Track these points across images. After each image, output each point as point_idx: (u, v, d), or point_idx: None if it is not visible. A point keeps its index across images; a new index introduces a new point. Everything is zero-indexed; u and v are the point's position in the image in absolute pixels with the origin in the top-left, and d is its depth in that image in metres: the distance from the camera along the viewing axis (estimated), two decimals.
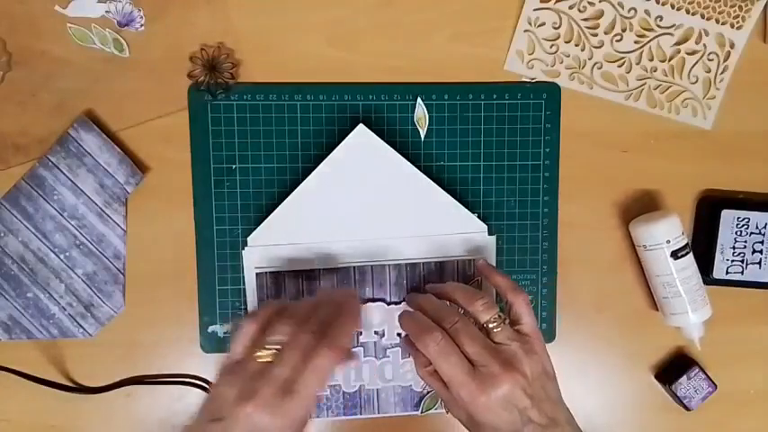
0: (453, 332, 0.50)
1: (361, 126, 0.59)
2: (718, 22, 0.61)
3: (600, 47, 0.61)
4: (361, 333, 0.61)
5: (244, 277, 0.60)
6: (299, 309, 0.51)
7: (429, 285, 0.58)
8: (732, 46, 0.62)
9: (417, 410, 0.62)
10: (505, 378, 0.48)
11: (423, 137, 0.61)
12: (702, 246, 0.63)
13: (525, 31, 0.61)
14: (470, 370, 0.49)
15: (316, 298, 0.54)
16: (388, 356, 0.61)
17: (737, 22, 0.61)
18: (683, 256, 0.60)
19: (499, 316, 0.51)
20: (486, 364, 0.49)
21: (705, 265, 0.62)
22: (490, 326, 0.51)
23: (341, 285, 0.60)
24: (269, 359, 0.47)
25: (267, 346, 0.48)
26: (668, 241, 0.59)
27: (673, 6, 0.61)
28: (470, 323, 0.51)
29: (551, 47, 0.61)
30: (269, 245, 0.59)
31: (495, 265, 0.61)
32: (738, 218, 0.62)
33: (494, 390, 0.48)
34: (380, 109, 0.61)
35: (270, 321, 0.49)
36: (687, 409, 0.63)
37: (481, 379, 0.49)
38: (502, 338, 0.50)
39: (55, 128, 0.59)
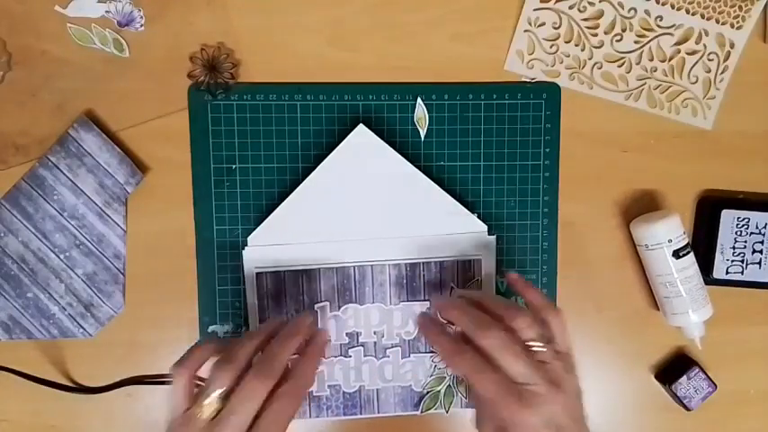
0: (495, 347, 0.47)
1: (361, 126, 0.59)
2: (718, 22, 0.61)
3: (600, 47, 0.61)
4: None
5: (244, 277, 0.60)
6: (240, 351, 0.47)
7: (459, 292, 0.55)
8: (732, 46, 0.62)
9: (417, 410, 0.62)
10: (552, 398, 0.46)
11: (423, 137, 0.61)
12: (702, 246, 0.63)
13: (525, 31, 0.61)
14: (512, 387, 0.46)
15: (261, 332, 0.50)
16: (388, 356, 0.61)
17: (737, 22, 0.61)
18: (684, 255, 0.60)
19: (542, 335, 0.48)
20: (534, 383, 0.46)
21: (705, 265, 0.62)
22: (533, 344, 0.47)
23: (341, 285, 0.60)
24: (216, 406, 0.45)
25: (212, 395, 0.45)
26: (670, 240, 0.60)
27: (673, 6, 0.61)
28: (513, 339, 0.47)
29: (551, 47, 0.61)
30: (269, 245, 0.59)
31: (495, 265, 0.61)
32: (738, 218, 0.62)
33: (540, 409, 0.45)
34: (380, 109, 0.61)
35: (201, 365, 0.48)
36: (687, 409, 0.63)
37: (526, 397, 0.46)
38: (545, 357, 0.47)
39: (55, 128, 0.59)
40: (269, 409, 0.45)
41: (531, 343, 0.47)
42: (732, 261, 0.62)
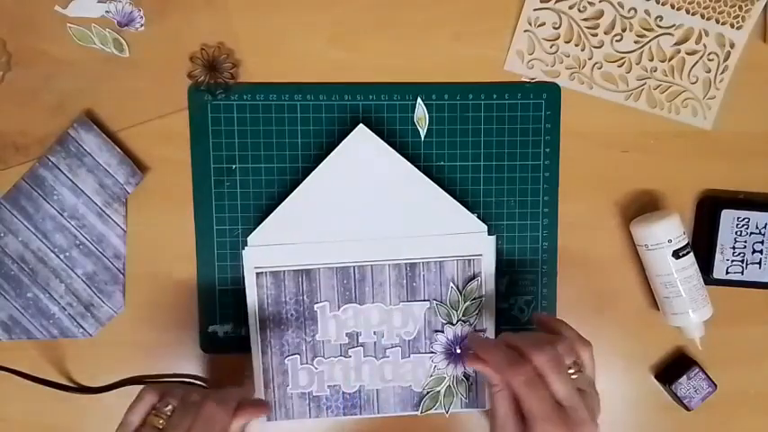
0: (546, 366, 0.50)
1: (361, 126, 0.59)
2: (718, 22, 0.61)
3: (600, 47, 0.61)
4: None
5: (244, 277, 0.60)
6: (174, 387, 0.54)
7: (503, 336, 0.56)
8: (732, 46, 0.62)
9: (417, 410, 0.62)
10: (591, 428, 0.49)
11: (423, 137, 0.61)
12: (702, 246, 0.63)
13: (525, 31, 0.61)
14: (558, 408, 0.49)
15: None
16: (388, 356, 0.61)
17: (737, 22, 0.61)
18: (684, 255, 0.60)
19: (575, 362, 0.51)
20: (576, 408, 0.49)
21: (705, 265, 0.62)
22: (570, 370, 0.51)
23: (341, 285, 0.60)
24: (162, 422, 0.51)
25: (161, 412, 0.51)
26: (670, 241, 0.59)
27: (673, 6, 0.61)
28: (564, 363, 0.50)
29: (551, 47, 0.61)
30: (269, 245, 0.59)
31: (495, 264, 0.61)
32: (738, 218, 0.62)
33: None
34: (380, 109, 0.61)
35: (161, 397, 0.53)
36: (687, 409, 0.63)
37: (573, 420, 0.49)
38: (582, 384, 0.51)
39: (55, 128, 0.59)
40: (198, 416, 0.51)
41: (569, 369, 0.50)
42: (732, 261, 0.62)
